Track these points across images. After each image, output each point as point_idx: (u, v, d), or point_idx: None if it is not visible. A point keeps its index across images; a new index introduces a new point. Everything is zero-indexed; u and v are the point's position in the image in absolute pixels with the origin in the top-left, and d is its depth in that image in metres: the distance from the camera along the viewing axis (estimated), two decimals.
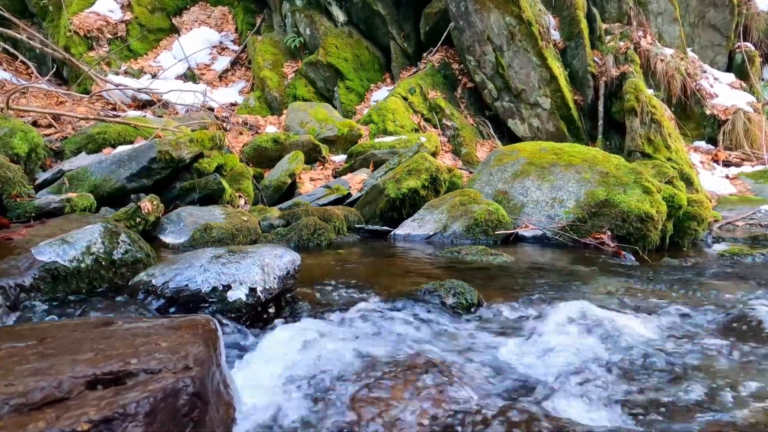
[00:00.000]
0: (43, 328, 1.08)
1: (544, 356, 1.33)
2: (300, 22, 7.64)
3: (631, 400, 1.12)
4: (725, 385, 1.17)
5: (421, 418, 1.00)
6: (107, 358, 0.88)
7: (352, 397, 1.08)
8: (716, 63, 8.33)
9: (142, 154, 3.31)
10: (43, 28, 7.61)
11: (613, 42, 7.00)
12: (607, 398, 1.13)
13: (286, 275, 1.60)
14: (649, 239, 3.24)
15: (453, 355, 1.32)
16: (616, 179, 3.39)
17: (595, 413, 1.08)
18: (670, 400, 1.12)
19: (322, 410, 1.05)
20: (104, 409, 0.74)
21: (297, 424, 1.01)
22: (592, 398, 1.13)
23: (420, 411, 1.02)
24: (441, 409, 1.03)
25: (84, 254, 1.60)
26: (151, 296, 1.47)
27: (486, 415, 1.02)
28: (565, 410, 1.09)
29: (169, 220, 2.91)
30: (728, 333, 1.51)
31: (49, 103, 5.97)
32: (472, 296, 1.69)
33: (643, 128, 6.06)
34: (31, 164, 3.52)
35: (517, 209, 3.51)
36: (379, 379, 1.14)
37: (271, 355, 1.26)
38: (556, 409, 1.08)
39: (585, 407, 1.10)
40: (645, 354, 1.33)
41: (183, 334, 1.01)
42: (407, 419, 1.00)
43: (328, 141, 5.87)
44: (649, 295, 1.91)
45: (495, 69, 6.67)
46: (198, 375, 0.87)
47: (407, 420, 1.00)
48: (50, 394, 0.76)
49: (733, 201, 5.81)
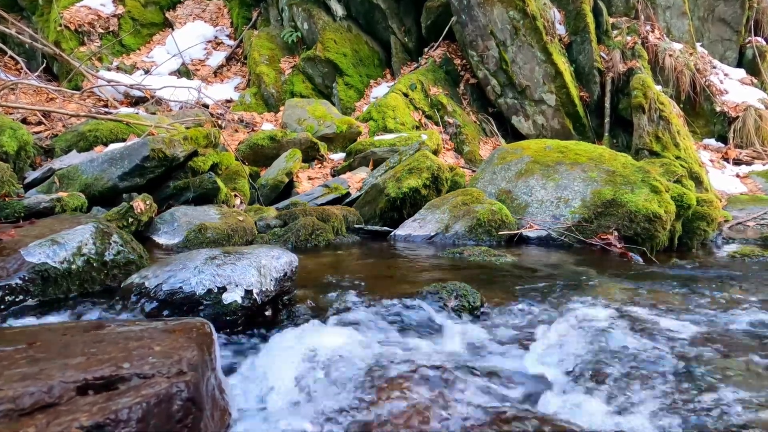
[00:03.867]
0: (32, 332, 1.08)
1: (549, 360, 1.33)
2: (297, 16, 7.65)
3: (639, 404, 1.12)
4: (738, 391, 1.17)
5: (421, 425, 1.00)
6: (99, 363, 0.88)
7: (350, 403, 1.08)
8: (726, 58, 8.33)
9: (135, 153, 3.31)
10: (32, 23, 7.60)
11: (620, 37, 7.00)
12: (614, 402, 1.13)
13: (283, 277, 1.60)
14: (657, 240, 3.24)
15: (455, 359, 1.32)
16: (623, 178, 3.39)
17: (601, 417, 1.08)
18: (680, 404, 1.12)
19: (319, 416, 1.05)
20: (96, 415, 0.74)
21: (294, 430, 1.01)
22: (598, 402, 1.13)
23: (420, 417, 1.02)
24: (441, 415, 1.03)
25: (75, 255, 1.60)
26: (144, 299, 1.47)
27: (487, 421, 1.02)
28: (570, 415, 1.09)
29: (162, 220, 2.91)
30: (742, 338, 1.51)
31: (38, 100, 5.97)
32: (475, 298, 1.69)
33: (651, 125, 6.06)
34: (20, 163, 3.52)
35: (521, 209, 3.51)
36: (378, 384, 1.14)
37: (267, 360, 1.26)
38: (561, 414, 1.08)
39: (591, 411, 1.10)
40: (653, 358, 1.33)
41: (177, 337, 1.01)
42: (405, 425, 1.00)
43: (327, 139, 5.87)
44: (657, 298, 1.91)
45: (498, 64, 6.67)
46: (192, 380, 0.87)
47: (405, 426, 1.00)
48: (40, 400, 0.76)
49: (744, 200, 5.81)
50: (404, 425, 1.00)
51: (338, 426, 1.01)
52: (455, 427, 1.00)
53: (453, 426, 1.01)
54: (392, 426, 1.00)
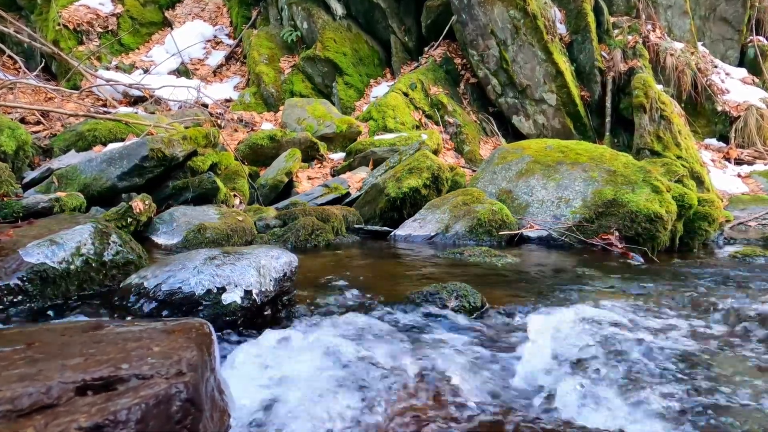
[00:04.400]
0: (31, 332, 1.08)
1: (551, 362, 1.33)
2: (297, 15, 7.65)
3: (642, 405, 1.12)
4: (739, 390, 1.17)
5: (420, 426, 1.00)
6: (97, 363, 0.88)
7: (349, 404, 1.08)
8: (728, 57, 8.33)
9: (134, 152, 3.31)
10: (31, 22, 7.60)
11: (621, 36, 7.00)
12: (615, 403, 1.13)
13: (282, 277, 1.60)
14: (658, 240, 3.24)
15: (455, 360, 1.32)
16: (625, 178, 3.39)
17: (604, 419, 1.08)
18: (682, 406, 1.12)
19: (320, 418, 1.05)
20: (95, 416, 0.74)
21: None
22: (600, 403, 1.13)
23: (418, 418, 1.02)
24: (440, 416, 1.03)
25: (73, 255, 1.60)
26: (143, 299, 1.47)
27: (486, 423, 1.02)
28: (572, 416, 1.09)
29: (161, 220, 2.91)
30: (744, 339, 1.51)
31: (37, 99, 5.97)
32: (475, 299, 1.69)
33: (652, 125, 6.06)
34: (18, 162, 3.52)
35: (522, 209, 3.51)
36: (377, 386, 1.14)
37: (267, 360, 1.26)
38: (563, 416, 1.08)
39: (592, 413, 1.10)
40: (656, 359, 1.33)
41: (176, 338, 1.01)
42: (405, 426, 1.00)
43: (326, 138, 5.87)
44: (659, 299, 1.91)
45: (499, 64, 6.67)
46: (191, 381, 0.87)
47: (404, 427, 1.00)
48: (39, 401, 0.76)
49: (746, 200, 5.81)
50: (399, 425, 1.00)
51: (337, 424, 1.01)
52: (455, 429, 1.00)
53: (453, 428, 1.01)
54: (388, 425, 1.00)
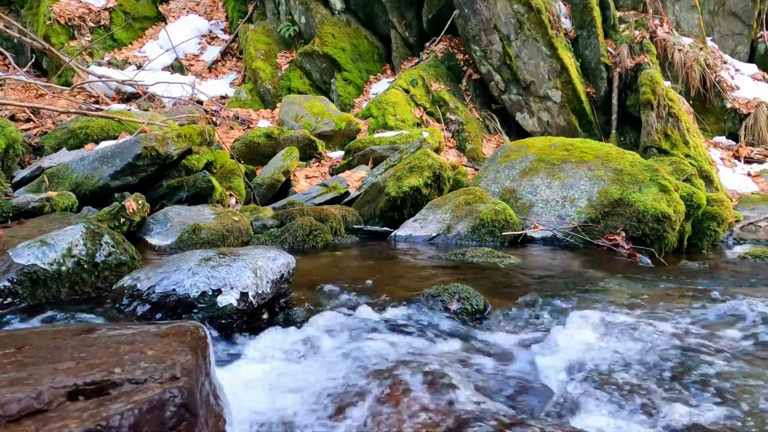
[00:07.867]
0: (20, 336, 1.08)
1: (554, 365, 1.33)
2: (295, 9, 7.64)
3: (647, 410, 1.12)
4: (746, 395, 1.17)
5: (420, 428, 1.00)
6: (89, 368, 0.88)
7: (349, 410, 1.08)
8: (737, 53, 8.33)
9: (127, 150, 3.31)
10: (21, 16, 7.60)
11: (627, 31, 7.00)
12: (619, 407, 1.13)
13: (279, 279, 1.60)
14: (666, 241, 3.24)
15: (456, 364, 1.32)
16: (631, 177, 3.39)
17: (607, 421, 1.08)
18: (690, 410, 1.12)
19: (317, 422, 1.05)
20: (86, 422, 0.74)
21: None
22: (604, 407, 1.13)
23: (418, 422, 1.02)
24: (440, 421, 1.03)
25: (65, 256, 1.60)
26: (136, 301, 1.47)
27: (489, 426, 1.02)
28: (575, 419, 1.09)
29: (155, 220, 2.91)
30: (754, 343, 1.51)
31: (27, 96, 5.97)
32: (477, 301, 1.69)
33: (659, 122, 6.06)
34: (8, 161, 3.52)
35: (526, 209, 3.51)
36: (377, 390, 1.14)
37: (264, 364, 1.26)
38: (566, 419, 1.08)
39: (597, 416, 1.10)
40: (662, 363, 1.33)
41: (170, 341, 1.01)
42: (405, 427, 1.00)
43: (325, 136, 5.87)
44: (667, 301, 1.91)
45: (502, 59, 6.67)
46: (186, 385, 0.87)
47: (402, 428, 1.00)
48: (29, 406, 0.76)
49: (756, 200, 5.81)
50: (399, 430, 1.00)
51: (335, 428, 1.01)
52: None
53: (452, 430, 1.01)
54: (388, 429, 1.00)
